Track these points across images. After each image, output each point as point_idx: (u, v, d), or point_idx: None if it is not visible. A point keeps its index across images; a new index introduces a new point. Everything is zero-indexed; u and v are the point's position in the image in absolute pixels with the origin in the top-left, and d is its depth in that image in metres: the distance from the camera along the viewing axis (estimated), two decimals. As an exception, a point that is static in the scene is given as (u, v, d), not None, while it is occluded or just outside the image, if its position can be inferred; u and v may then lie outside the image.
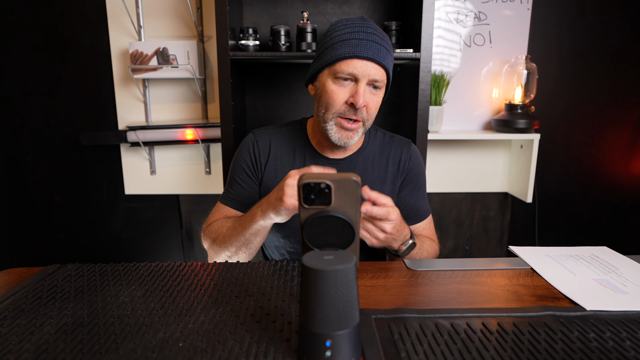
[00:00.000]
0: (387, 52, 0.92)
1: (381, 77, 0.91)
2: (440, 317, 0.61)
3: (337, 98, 0.91)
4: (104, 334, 0.56)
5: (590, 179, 1.96)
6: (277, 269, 0.78)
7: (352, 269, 0.49)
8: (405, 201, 1.06)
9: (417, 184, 1.07)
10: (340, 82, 0.91)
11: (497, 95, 1.84)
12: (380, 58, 0.89)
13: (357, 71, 0.89)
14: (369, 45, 0.88)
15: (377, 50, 0.89)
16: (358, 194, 0.57)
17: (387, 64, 0.91)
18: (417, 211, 1.07)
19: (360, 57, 0.88)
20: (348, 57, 0.89)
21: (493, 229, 2.00)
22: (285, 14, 1.68)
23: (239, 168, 1.05)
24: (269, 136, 1.05)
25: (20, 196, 1.92)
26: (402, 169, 1.06)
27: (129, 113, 1.82)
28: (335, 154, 1.04)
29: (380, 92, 0.94)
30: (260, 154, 1.04)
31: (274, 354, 0.52)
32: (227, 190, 1.06)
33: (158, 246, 1.97)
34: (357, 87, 0.90)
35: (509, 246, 0.93)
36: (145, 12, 1.72)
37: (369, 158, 1.05)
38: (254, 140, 1.05)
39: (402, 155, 1.06)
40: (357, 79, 0.90)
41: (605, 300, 0.66)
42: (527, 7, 1.77)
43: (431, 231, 1.09)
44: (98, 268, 0.79)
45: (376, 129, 1.10)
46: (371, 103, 0.93)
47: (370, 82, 0.91)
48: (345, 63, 0.89)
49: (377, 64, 0.89)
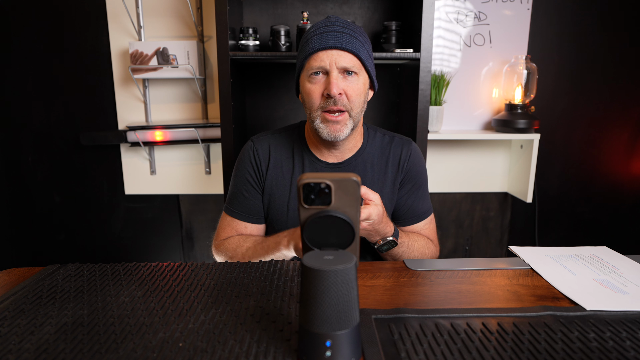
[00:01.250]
0: (353, 37, 0.92)
1: (351, 62, 0.92)
2: (440, 317, 0.61)
3: (314, 94, 0.94)
4: (104, 334, 0.56)
5: (590, 179, 1.96)
6: (277, 269, 0.78)
7: (352, 269, 0.49)
8: (403, 200, 1.05)
9: (416, 183, 1.06)
10: (313, 78, 0.93)
11: (497, 95, 1.84)
12: (343, 44, 0.91)
13: (324, 62, 0.91)
14: (330, 36, 0.91)
15: (339, 38, 0.91)
16: (358, 194, 0.57)
17: (354, 48, 0.92)
18: (415, 210, 1.05)
19: (323, 48, 0.91)
20: (314, 52, 0.92)
21: (493, 229, 2.00)
22: (285, 14, 1.68)
23: (243, 179, 1.05)
24: (267, 143, 1.06)
25: (20, 196, 1.92)
26: (402, 168, 1.05)
27: (129, 113, 1.82)
28: (334, 157, 1.03)
29: (357, 77, 0.94)
30: (261, 162, 1.04)
31: (274, 354, 0.52)
32: (232, 202, 1.06)
33: (158, 246, 1.97)
34: (329, 77, 0.91)
35: (509, 246, 0.93)
36: (145, 12, 1.72)
37: (368, 160, 1.05)
38: (253, 149, 1.05)
39: (402, 154, 1.05)
40: (328, 70, 0.92)
41: (605, 300, 0.66)
42: (527, 7, 1.77)
43: (430, 232, 1.08)
44: (98, 268, 0.79)
45: (375, 129, 1.09)
46: (349, 89, 0.93)
47: (341, 69, 0.92)
48: (313, 58, 0.92)
49: (342, 50, 0.91)
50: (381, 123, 1.78)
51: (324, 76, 0.93)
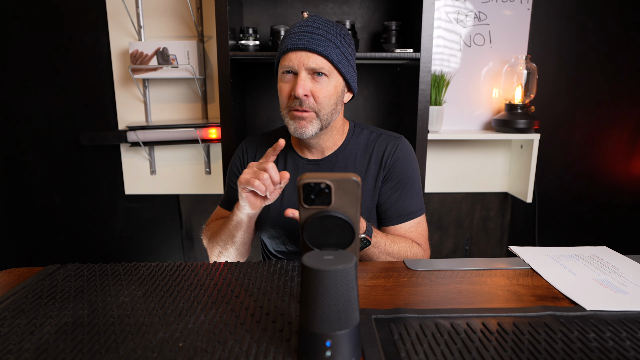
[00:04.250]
0: (324, 39, 0.91)
1: (320, 64, 0.91)
2: (440, 317, 0.61)
3: (283, 92, 0.95)
4: (104, 334, 0.56)
5: (590, 179, 1.96)
6: (277, 269, 0.78)
7: (352, 269, 0.49)
8: (385, 197, 1.00)
9: (401, 180, 1.00)
10: (284, 77, 0.94)
11: (497, 95, 1.84)
12: (313, 46, 0.90)
13: (292, 63, 0.92)
14: (301, 36, 0.91)
15: (309, 39, 0.90)
16: (358, 194, 0.57)
17: (324, 50, 0.90)
18: (399, 210, 1.00)
19: (293, 49, 0.91)
20: (285, 52, 0.93)
21: (493, 229, 2.00)
22: (285, 14, 1.68)
23: (232, 173, 1.12)
24: (258, 141, 1.12)
25: (20, 196, 1.92)
26: (384, 164, 1.01)
27: (129, 113, 1.82)
28: (314, 154, 1.05)
29: (327, 79, 0.93)
30: (248, 157, 1.10)
31: (274, 354, 0.52)
32: (224, 195, 1.14)
33: (158, 246, 1.97)
34: (297, 78, 0.92)
35: (509, 246, 0.93)
36: (145, 12, 1.72)
37: (350, 157, 1.03)
38: (244, 146, 1.12)
39: (386, 150, 1.01)
40: (296, 71, 0.92)
41: (605, 300, 0.66)
42: (527, 7, 1.77)
43: (417, 235, 1.01)
44: (98, 268, 0.79)
45: (364, 127, 1.07)
46: (317, 91, 0.92)
47: (309, 70, 0.92)
48: (284, 58, 0.93)
49: (311, 52, 0.91)
50: (381, 123, 1.78)
51: (293, 76, 0.93)
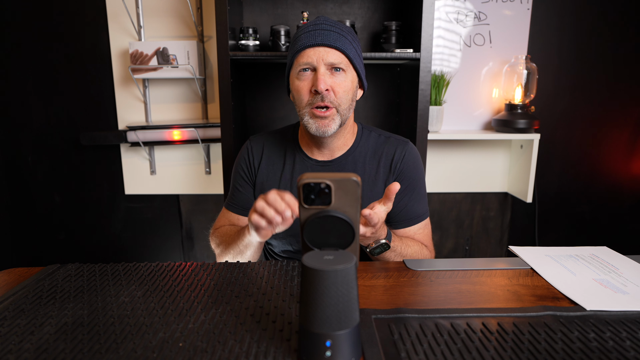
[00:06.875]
0: (340, 35, 0.94)
1: (338, 59, 0.94)
2: (440, 317, 0.61)
3: (302, 90, 0.96)
4: (104, 334, 0.56)
5: (590, 179, 1.96)
6: (277, 269, 0.78)
7: (352, 269, 0.49)
8: (395, 202, 1.00)
9: (410, 184, 1.03)
10: (302, 75, 0.96)
11: (497, 95, 1.84)
12: (330, 41, 0.93)
13: (311, 59, 0.93)
14: (317, 34, 0.93)
15: (326, 36, 0.93)
16: (358, 194, 0.57)
17: (341, 45, 0.94)
18: (408, 214, 1.02)
19: (311, 45, 0.93)
20: (302, 50, 0.94)
21: (493, 229, 2.00)
22: (285, 14, 1.68)
23: (238, 175, 1.10)
24: (263, 141, 1.10)
25: (20, 196, 1.92)
26: (394, 169, 1.03)
27: (129, 113, 1.82)
28: (324, 155, 1.04)
29: (344, 74, 0.95)
30: (254, 158, 1.09)
31: (274, 354, 0.52)
32: (230, 197, 1.12)
33: (158, 246, 1.97)
34: (317, 73, 0.93)
35: (509, 246, 0.93)
36: (145, 12, 1.72)
37: (360, 159, 1.04)
38: (249, 146, 1.10)
39: (395, 154, 1.03)
40: (315, 67, 0.94)
41: (605, 300, 0.66)
42: (527, 7, 1.77)
43: (424, 236, 1.04)
44: (98, 268, 0.79)
45: (370, 129, 1.09)
46: (336, 86, 0.94)
47: (328, 65, 0.94)
48: (301, 56, 0.95)
49: (329, 47, 0.93)
50: (381, 123, 1.78)
51: (312, 73, 0.95)
